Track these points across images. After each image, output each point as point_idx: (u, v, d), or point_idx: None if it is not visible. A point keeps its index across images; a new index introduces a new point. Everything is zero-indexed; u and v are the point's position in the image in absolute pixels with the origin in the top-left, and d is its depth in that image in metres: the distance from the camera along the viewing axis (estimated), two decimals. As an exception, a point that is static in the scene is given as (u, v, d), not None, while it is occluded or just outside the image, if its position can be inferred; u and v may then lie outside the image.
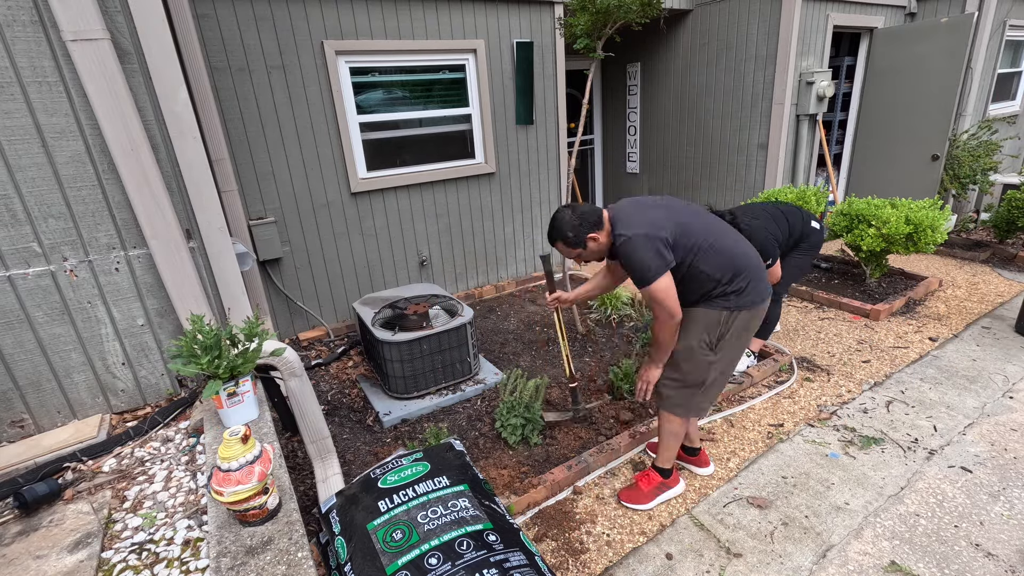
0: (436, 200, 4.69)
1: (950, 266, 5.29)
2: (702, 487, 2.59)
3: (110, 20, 1.71)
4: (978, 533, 2.25)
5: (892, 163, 5.97)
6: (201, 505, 1.56)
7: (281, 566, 1.29)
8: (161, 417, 1.96)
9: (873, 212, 4.32)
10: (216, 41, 3.48)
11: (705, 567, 2.16)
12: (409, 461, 1.81)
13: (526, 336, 4.23)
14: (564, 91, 5.09)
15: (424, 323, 3.35)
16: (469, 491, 1.68)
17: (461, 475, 1.75)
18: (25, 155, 1.70)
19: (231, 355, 1.64)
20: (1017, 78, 7.02)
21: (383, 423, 3.13)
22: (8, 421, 1.87)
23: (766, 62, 5.12)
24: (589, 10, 3.39)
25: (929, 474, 2.59)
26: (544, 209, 5.37)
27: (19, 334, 1.81)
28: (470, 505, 1.62)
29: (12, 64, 1.63)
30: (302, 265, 4.21)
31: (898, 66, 5.70)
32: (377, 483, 1.73)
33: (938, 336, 3.91)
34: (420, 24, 4.20)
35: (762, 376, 3.46)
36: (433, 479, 1.71)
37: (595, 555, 2.24)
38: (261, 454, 1.41)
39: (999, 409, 3.05)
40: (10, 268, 1.76)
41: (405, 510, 1.61)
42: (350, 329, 4.44)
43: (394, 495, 1.65)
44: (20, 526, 1.52)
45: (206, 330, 1.61)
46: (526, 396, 2.97)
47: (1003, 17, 6.12)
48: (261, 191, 3.89)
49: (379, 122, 4.30)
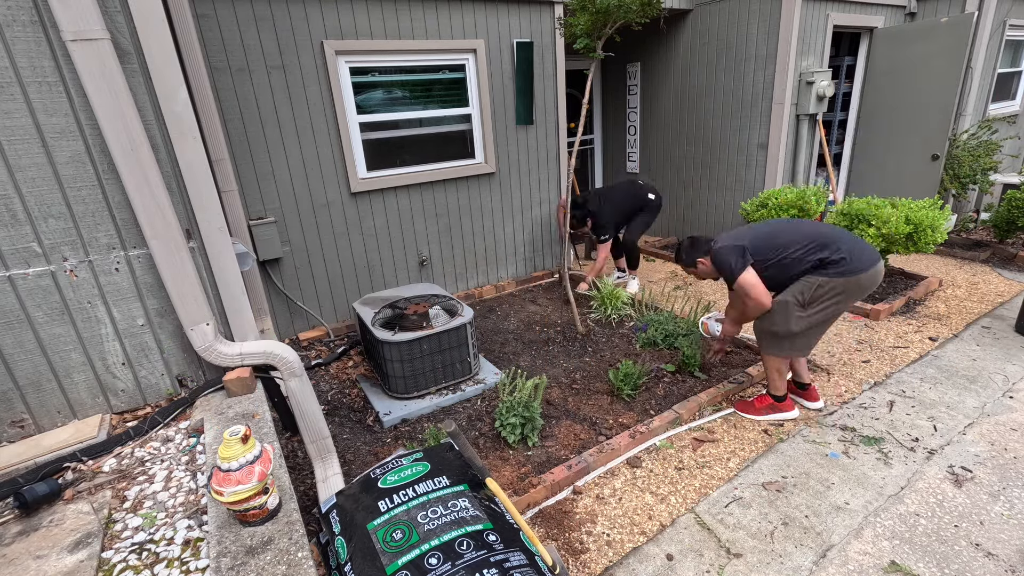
0: (436, 200, 4.69)
1: (950, 266, 5.29)
2: (702, 487, 2.59)
3: (110, 20, 1.71)
4: (978, 533, 2.25)
5: (892, 163, 5.97)
6: (201, 505, 1.56)
7: (281, 566, 1.29)
8: (161, 417, 1.96)
9: (873, 212, 4.32)
10: (216, 41, 3.48)
11: (705, 567, 2.16)
12: (409, 461, 1.81)
13: (526, 336, 4.23)
14: (564, 91, 5.09)
15: (424, 323, 3.35)
16: (469, 491, 1.68)
17: (461, 475, 1.74)
18: (25, 155, 1.70)
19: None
20: (1017, 78, 7.02)
21: (383, 423, 3.13)
22: (8, 421, 1.87)
23: (766, 62, 5.12)
24: (589, 10, 3.40)
25: (929, 474, 2.59)
26: (544, 209, 5.37)
27: (19, 334, 1.81)
28: (470, 505, 1.62)
29: (12, 64, 1.63)
30: (302, 265, 4.21)
31: (898, 66, 5.70)
32: (377, 483, 1.73)
33: (938, 336, 3.91)
34: (420, 24, 4.20)
35: (762, 376, 3.46)
36: (433, 479, 1.71)
37: (595, 555, 2.24)
38: (261, 454, 1.41)
39: (999, 409, 3.05)
40: (10, 268, 1.76)
41: (405, 510, 1.61)
42: (350, 329, 4.44)
43: (394, 495, 1.65)
44: (20, 526, 1.52)
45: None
46: (524, 395, 2.97)
47: (1003, 17, 6.12)
48: (261, 191, 3.89)
49: (379, 122, 4.30)
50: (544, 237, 5.49)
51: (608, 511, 2.47)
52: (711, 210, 6.05)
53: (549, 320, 4.48)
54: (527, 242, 5.39)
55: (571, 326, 4.24)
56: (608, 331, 4.20)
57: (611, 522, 2.40)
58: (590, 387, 3.42)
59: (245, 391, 2.05)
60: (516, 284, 5.34)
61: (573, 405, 3.24)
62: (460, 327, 3.31)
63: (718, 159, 5.81)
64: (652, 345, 3.83)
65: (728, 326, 3.11)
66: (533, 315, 4.63)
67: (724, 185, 5.84)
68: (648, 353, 3.78)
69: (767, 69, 5.13)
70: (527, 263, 5.47)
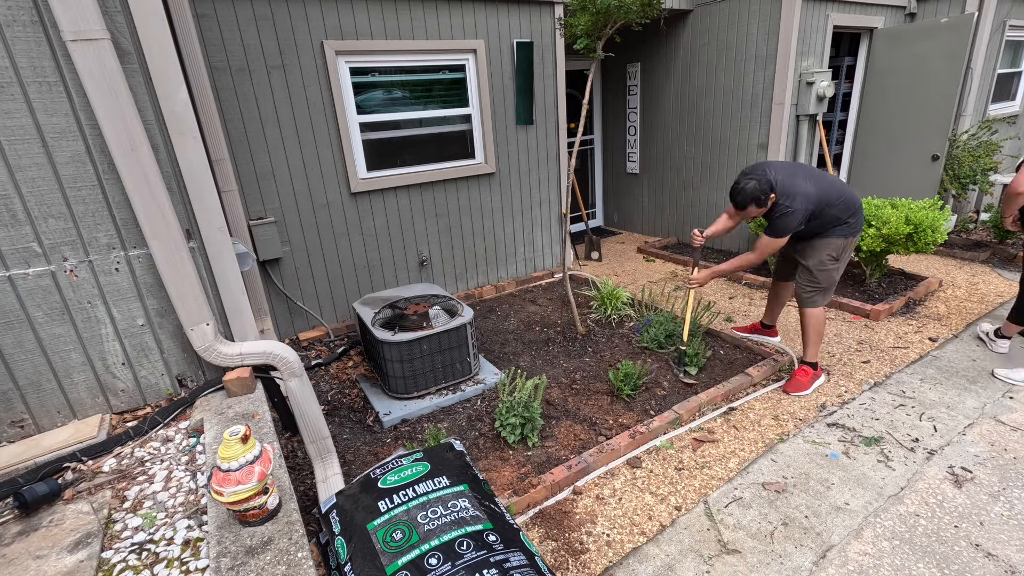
0: (436, 200, 4.69)
1: (950, 266, 5.29)
2: (702, 487, 2.59)
3: (110, 20, 1.71)
4: (978, 534, 2.25)
5: (892, 163, 5.97)
6: (201, 505, 1.56)
7: (281, 566, 1.29)
8: (161, 417, 1.96)
9: (873, 212, 4.32)
10: (216, 41, 3.48)
11: (705, 567, 2.16)
12: (409, 461, 1.81)
13: (526, 336, 4.23)
14: (564, 91, 5.09)
15: (424, 323, 3.35)
16: (469, 491, 1.68)
17: (461, 475, 1.75)
18: (25, 155, 1.70)
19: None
20: (1017, 78, 7.02)
21: (383, 423, 3.13)
22: (8, 421, 1.87)
23: (766, 62, 5.12)
24: (589, 10, 3.39)
25: (929, 474, 2.59)
26: (544, 209, 5.37)
27: (19, 334, 1.81)
28: (470, 505, 1.62)
29: (12, 64, 1.63)
30: (302, 265, 4.21)
31: (898, 66, 5.70)
32: (377, 483, 1.73)
33: (938, 336, 3.91)
34: (420, 24, 4.20)
35: (762, 376, 3.46)
36: (433, 479, 1.71)
37: (595, 555, 2.24)
38: (261, 454, 1.41)
39: (999, 409, 3.05)
40: (10, 268, 1.76)
41: (405, 510, 1.61)
42: (350, 329, 4.44)
43: (394, 495, 1.65)
44: (20, 526, 1.52)
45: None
46: (524, 395, 2.97)
47: (1003, 17, 6.12)
48: (261, 191, 3.89)
49: (379, 122, 4.30)
50: (544, 237, 5.49)
51: (608, 511, 2.47)
52: (711, 210, 6.04)
53: (549, 320, 4.48)
54: (527, 242, 5.39)
55: (571, 326, 4.24)
56: (608, 331, 4.20)
57: (611, 522, 2.40)
58: (590, 387, 3.42)
59: (245, 391, 2.05)
60: (516, 284, 5.33)
61: (573, 405, 3.24)
62: (460, 327, 3.31)
63: (718, 159, 5.81)
64: (654, 344, 3.83)
65: (731, 266, 3.31)
66: (533, 315, 4.63)
67: (724, 185, 5.84)
68: (649, 354, 3.78)
69: (767, 69, 5.13)
70: (527, 263, 5.47)
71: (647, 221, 6.97)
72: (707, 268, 3.45)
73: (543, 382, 3.07)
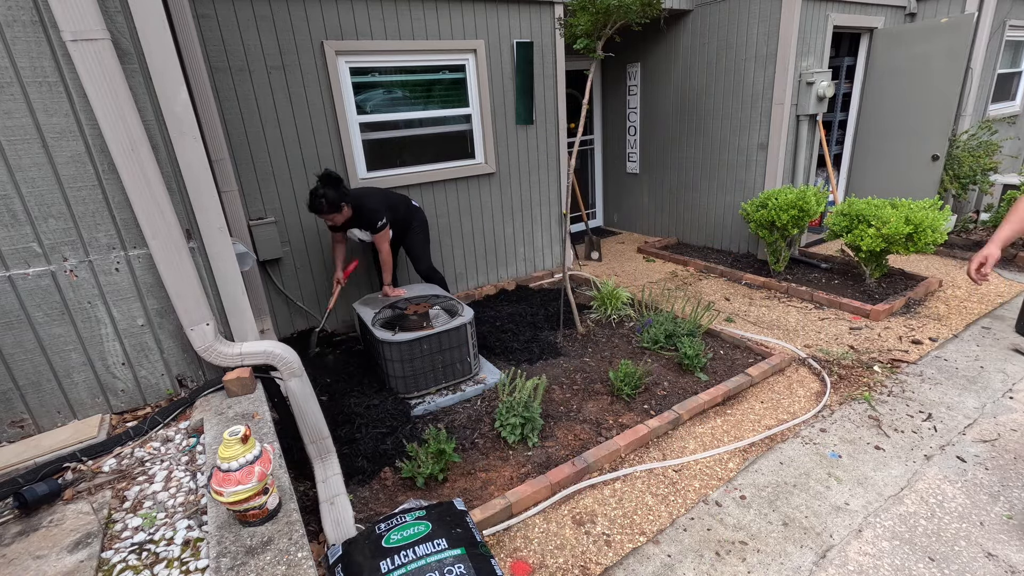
0: (436, 200, 4.69)
1: (950, 266, 5.29)
2: (702, 487, 2.59)
3: (110, 20, 1.71)
4: (978, 534, 2.25)
5: (892, 163, 5.97)
6: (201, 505, 1.56)
7: (281, 566, 1.29)
8: (161, 417, 1.96)
9: (873, 212, 4.32)
10: (216, 41, 3.48)
11: (705, 567, 2.16)
12: (412, 519, 1.89)
13: (526, 336, 4.22)
14: (564, 91, 5.09)
15: (424, 323, 3.35)
16: (465, 555, 1.74)
17: (459, 538, 1.82)
18: (25, 155, 1.70)
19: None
20: (1017, 78, 7.02)
21: (383, 423, 3.13)
22: (8, 421, 1.87)
23: (766, 62, 5.12)
24: (589, 10, 3.39)
25: (929, 474, 2.59)
26: (544, 209, 5.37)
27: (19, 334, 1.81)
28: (465, 571, 1.68)
29: (12, 64, 1.63)
30: (302, 265, 4.21)
31: (898, 66, 5.70)
32: (381, 541, 1.80)
33: (938, 336, 3.91)
34: (420, 24, 4.20)
35: (762, 375, 3.46)
36: (432, 541, 1.78)
37: (595, 555, 2.24)
38: (261, 454, 1.41)
39: (999, 409, 3.05)
40: (10, 268, 1.76)
41: (404, 574, 1.67)
42: (350, 329, 4.43)
43: (395, 555, 1.73)
44: (20, 526, 1.52)
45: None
46: (524, 395, 2.97)
47: (1003, 17, 6.12)
48: (261, 191, 3.89)
49: (379, 122, 4.30)
50: (544, 237, 5.49)
51: (608, 511, 2.47)
52: (711, 210, 6.05)
53: (549, 320, 4.47)
54: (527, 242, 5.39)
55: (571, 326, 4.24)
56: (608, 331, 4.20)
57: (611, 522, 2.40)
58: (590, 387, 3.42)
59: (245, 391, 2.05)
60: (516, 284, 5.33)
61: (573, 405, 3.24)
62: (460, 327, 3.31)
63: (718, 159, 5.81)
64: (655, 344, 3.83)
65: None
66: (533, 315, 4.61)
67: (724, 185, 5.84)
68: (650, 354, 3.78)
69: (767, 69, 5.13)
70: (527, 263, 5.47)
71: (647, 221, 6.97)
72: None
73: (543, 382, 3.07)
